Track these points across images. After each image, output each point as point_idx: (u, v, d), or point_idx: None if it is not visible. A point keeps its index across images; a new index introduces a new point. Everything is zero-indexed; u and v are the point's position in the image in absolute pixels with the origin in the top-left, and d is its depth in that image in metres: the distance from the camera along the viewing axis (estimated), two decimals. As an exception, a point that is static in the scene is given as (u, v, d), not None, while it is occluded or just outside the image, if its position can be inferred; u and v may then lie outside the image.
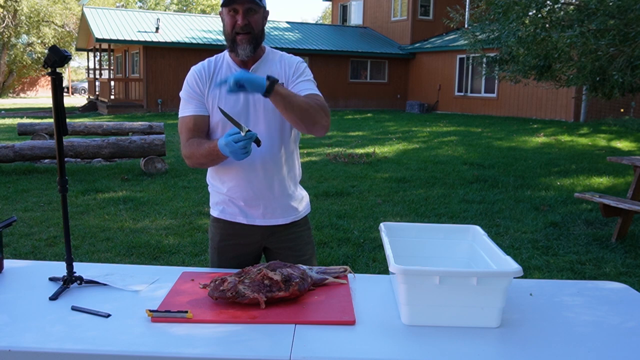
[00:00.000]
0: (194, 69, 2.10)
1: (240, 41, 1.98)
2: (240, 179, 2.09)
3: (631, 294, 1.87)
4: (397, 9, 24.68)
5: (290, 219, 2.18)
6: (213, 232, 2.23)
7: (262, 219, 2.14)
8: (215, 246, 2.22)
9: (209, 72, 2.08)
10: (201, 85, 2.07)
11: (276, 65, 2.10)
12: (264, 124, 2.05)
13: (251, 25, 1.98)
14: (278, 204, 2.14)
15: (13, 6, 34.04)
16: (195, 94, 2.07)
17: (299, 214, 2.22)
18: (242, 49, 1.99)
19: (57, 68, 1.71)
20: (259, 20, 2.01)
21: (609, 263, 4.60)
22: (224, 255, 2.20)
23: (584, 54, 7.32)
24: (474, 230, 1.98)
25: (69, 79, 43.35)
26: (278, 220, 2.16)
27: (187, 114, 2.07)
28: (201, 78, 2.07)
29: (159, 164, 8.33)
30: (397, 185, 7.66)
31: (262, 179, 2.09)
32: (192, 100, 2.07)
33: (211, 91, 2.07)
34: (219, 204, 2.19)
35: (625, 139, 12.94)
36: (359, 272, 2.06)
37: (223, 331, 1.51)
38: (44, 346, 1.42)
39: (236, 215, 2.15)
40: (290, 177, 2.16)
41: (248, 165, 2.05)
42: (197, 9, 47.66)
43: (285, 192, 2.15)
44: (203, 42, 20.80)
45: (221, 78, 2.06)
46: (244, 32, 1.97)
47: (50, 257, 4.63)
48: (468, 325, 1.57)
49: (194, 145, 2.01)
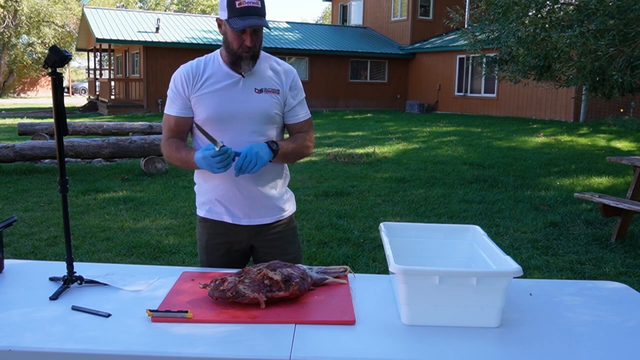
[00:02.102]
0: (182, 69, 2.11)
1: (245, 58, 2.02)
2: (226, 179, 2.10)
3: (631, 294, 1.87)
4: (397, 9, 24.68)
5: (275, 218, 2.20)
6: (200, 232, 2.25)
7: (248, 219, 2.16)
8: (203, 245, 2.24)
9: (197, 73, 2.09)
10: (187, 87, 2.08)
11: (268, 70, 2.13)
12: (249, 125, 2.07)
13: (256, 46, 2.02)
14: (263, 203, 2.16)
15: (13, 6, 34.04)
16: (179, 95, 2.09)
17: (284, 214, 2.24)
18: (246, 64, 2.04)
19: (58, 68, 1.71)
20: (261, 36, 2.05)
21: (608, 263, 4.60)
22: (212, 255, 2.22)
23: (583, 54, 7.32)
24: (474, 230, 1.98)
25: (69, 79, 43.35)
26: (263, 219, 2.18)
27: (170, 113, 2.13)
28: (188, 80, 2.08)
29: (159, 164, 8.33)
30: (397, 185, 7.66)
31: (248, 179, 2.10)
32: (176, 101, 2.11)
33: (197, 93, 2.07)
34: (205, 203, 2.20)
35: (625, 139, 12.93)
36: (359, 272, 2.06)
37: (223, 331, 1.51)
38: (44, 346, 1.42)
39: (222, 215, 2.17)
40: (275, 177, 2.19)
41: (233, 165, 2.06)
42: (197, 9, 47.65)
43: (271, 192, 2.17)
44: (203, 42, 20.79)
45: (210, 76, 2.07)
46: (250, 51, 2.01)
47: (50, 257, 4.63)
48: (468, 325, 1.57)
49: (172, 148, 2.10)
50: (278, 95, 2.11)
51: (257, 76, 2.10)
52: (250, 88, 2.08)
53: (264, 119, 2.08)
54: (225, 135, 2.04)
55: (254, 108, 2.07)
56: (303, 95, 2.22)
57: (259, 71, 2.11)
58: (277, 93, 2.11)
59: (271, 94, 2.10)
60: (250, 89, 2.08)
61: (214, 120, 2.06)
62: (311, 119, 2.25)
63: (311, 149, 2.22)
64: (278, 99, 2.11)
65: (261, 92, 2.08)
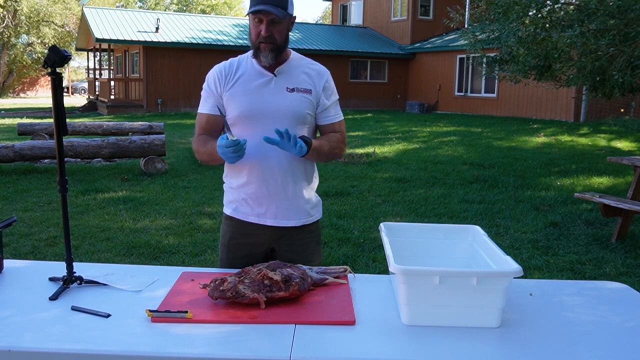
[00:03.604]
0: (216, 68, 2.14)
1: (263, 49, 2.03)
2: (255, 177, 2.09)
3: (631, 294, 1.87)
4: (397, 9, 24.68)
5: (301, 221, 2.17)
6: (224, 229, 2.24)
7: (274, 219, 2.14)
8: (225, 244, 2.23)
9: (230, 71, 2.10)
10: (219, 85, 2.10)
11: (301, 70, 2.12)
12: (280, 123, 2.04)
13: (274, 36, 2.01)
14: (290, 205, 2.14)
15: (13, 6, 34.03)
16: (212, 93, 2.12)
17: (310, 219, 2.21)
18: (264, 56, 2.03)
19: (57, 68, 1.71)
20: (282, 30, 2.04)
21: (609, 263, 4.60)
22: (233, 254, 2.20)
23: (584, 54, 7.32)
24: (474, 230, 1.98)
25: (69, 79, 43.36)
26: (289, 221, 2.15)
27: (202, 111, 2.16)
28: (220, 78, 2.10)
29: (159, 164, 8.33)
30: (397, 185, 7.66)
31: (277, 179, 2.09)
32: (209, 99, 2.13)
33: (229, 91, 2.09)
34: (232, 202, 2.19)
35: (625, 139, 12.93)
36: (359, 272, 2.06)
37: (223, 331, 1.51)
38: (44, 346, 1.42)
39: (248, 215, 2.16)
40: (305, 179, 2.16)
41: (264, 164, 2.07)
42: (197, 9, 47.65)
43: (299, 194, 2.15)
44: (203, 42, 20.80)
45: (243, 74, 2.09)
46: (267, 41, 2.01)
47: (50, 257, 4.63)
48: (468, 325, 1.57)
49: (200, 143, 2.12)
50: (310, 95, 2.10)
51: (290, 75, 2.10)
52: (282, 87, 2.08)
53: (295, 118, 2.07)
54: (256, 133, 2.03)
55: (285, 107, 2.06)
56: (336, 96, 2.20)
57: (292, 71, 2.11)
58: (309, 93, 2.10)
59: (303, 94, 2.09)
60: (282, 88, 2.08)
61: (245, 118, 2.06)
62: (344, 121, 2.23)
63: (344, 150, 2.20)
64: (310, 99, 2.10)
65: (293, 92, 2.08)
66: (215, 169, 8.60)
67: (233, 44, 21.11)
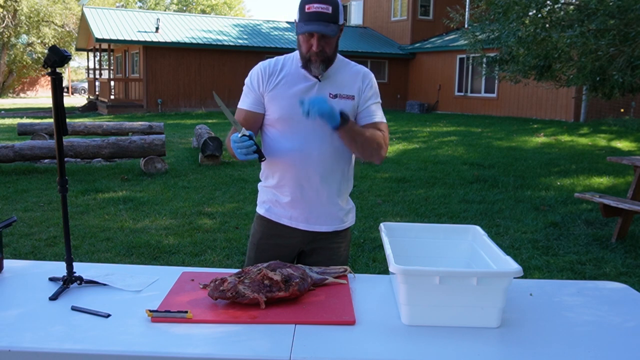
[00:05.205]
0: (260, 65, 2.12)
1: (314, 61, 2.00)
2: (291, 180, 2.09)
3: (631, 294, 1.87)
4: (397, 9, 24.68)
5: (333, 227, 2.16)
6: (255, 228, 2.24)
7: (306, 223, 2.13)
8: (255, 242, 2.22)
9: (274, 71, 2.08)
10: (262, 83, 2.08)
11: (345, 75, 2.10)
12: (320, 128, 2.02)
13: (325, 50, 1.99)
14: (324, 210, 2.13)
15: (13, 6, 34.03)
16: (253, 90, 2.10)
17: (342, 225, 2.20)
18: (315, 67, 2.01)
19: (57, 68, 1.71)
20: (333, 43, 2.01)
21: (609, 263, 4.60)
22: (262, 254, 2.18)
23: (584, 54, 7.32)
24: (474, 230, 1.98)
25: (69, 79, 43.36)
26: (322, 227, 2.14)
27: (241, 107, 2.14)
28: (264, 76, 2.08)
29: (158, 164, 8.33)
30: (397, 185, 7.66)
31: (313, 184, 2.08)
32: (249, 95, 2.11)
33: (271, 91, 2.07)
34: (266, 202, 2.19)
35: (625, 139, 12.93)
36: (359, 272, 2.06)
37: (223, 331, 1.51)
38: (44, 346, 1.42)
39: (281, 217, 2.15)
40: (341, 184, 2.15)
41: (301, 167, 2.05)
42: (197, 9, 47.65)
43: (334, 200, 2.14)
44: (203, 42, 20.79)
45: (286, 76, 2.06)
46: (318, 56, 1.99)
47: (50, 257, 4.63)
48: (468, 325, 1.57)
49: (229, 137, 2.09)
50: (352, 101, 2.08)
51: (334, 81, 2.07)
52: (325, 93, 2.05)
53: None
54: (295, 136, 2.03)
55: None
56: (379, 99, 2.18)
57: (336, 76, 2.08)
58: (352, 99, 2.08)
59: (346, 100, 2.06)
60: (325, 93, 2.05)
61: (286, 120, 2.04)
62: (387, 125, 2.18)
63: (384, 150, 2.11)
64: (352, 105, 2.08)
65: (336, 97, 2.05)
66: (215, 169, 8.60)
67: (233, 44, 21.11)
